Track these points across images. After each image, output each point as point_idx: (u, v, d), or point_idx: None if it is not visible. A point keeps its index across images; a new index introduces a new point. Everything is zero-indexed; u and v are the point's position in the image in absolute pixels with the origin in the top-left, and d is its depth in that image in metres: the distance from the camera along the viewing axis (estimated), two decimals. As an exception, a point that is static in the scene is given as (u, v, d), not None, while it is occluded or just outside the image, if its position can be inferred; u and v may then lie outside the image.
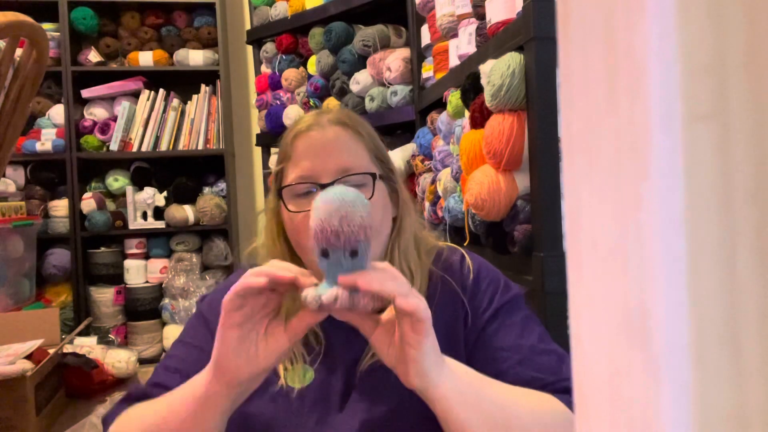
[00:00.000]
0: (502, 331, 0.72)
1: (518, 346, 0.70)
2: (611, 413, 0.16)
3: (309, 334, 0.75)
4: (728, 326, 0.13)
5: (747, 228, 0.13)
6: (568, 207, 0.17)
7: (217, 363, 0.57)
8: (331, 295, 0.52)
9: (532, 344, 0.71)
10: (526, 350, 0.70)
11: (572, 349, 0.17)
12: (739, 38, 0.13)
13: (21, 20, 1.06)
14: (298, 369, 0.73)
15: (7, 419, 1.20)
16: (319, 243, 0.53)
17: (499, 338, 0.71)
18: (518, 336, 0.71)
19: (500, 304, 0.73)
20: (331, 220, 0.52)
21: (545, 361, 0.69)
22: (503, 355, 0.70)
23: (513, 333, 0.71)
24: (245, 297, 0.55)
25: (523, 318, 0.73)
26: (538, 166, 1.07)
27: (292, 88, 2.59)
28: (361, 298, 0.53)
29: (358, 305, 0.53)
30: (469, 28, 1.46)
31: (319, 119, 0.75)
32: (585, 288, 0.17)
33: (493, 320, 0.72)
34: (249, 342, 0.56)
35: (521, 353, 0.69)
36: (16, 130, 1.22)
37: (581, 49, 0.16)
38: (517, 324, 0.72)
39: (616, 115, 0.15)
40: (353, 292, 0.53)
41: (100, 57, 2.89)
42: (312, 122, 0.75)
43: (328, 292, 0.53)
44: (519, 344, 0.70)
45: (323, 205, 0.53)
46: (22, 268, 2.45)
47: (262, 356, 0.56)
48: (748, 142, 0.13)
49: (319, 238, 0.53)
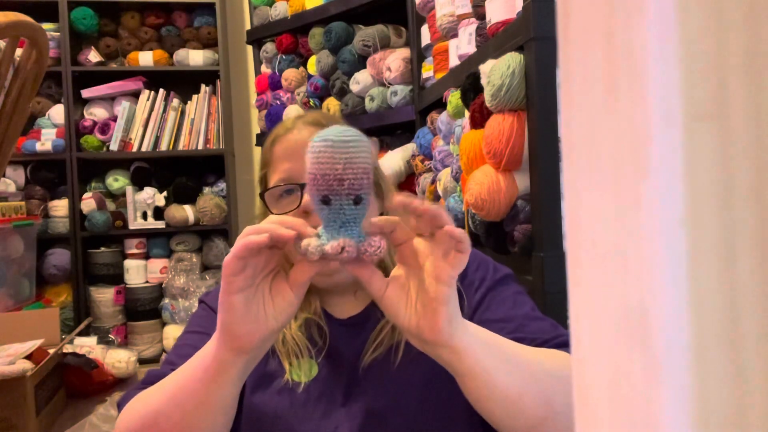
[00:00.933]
0: (494, 305, 0.72)
1: (511, 317, 0.71)
2: (611, 413, 0.16)
3: (313, 329, 0.75)
4: (728, 326, 0.13)
5: (747, 228, 0.13)
6: (568, 207, 0.17)
7: (225, 331, 0.54)
8: (336, 244, 0.49)
9: (524, 313, 0.71)
10: (519, 318, 0.70)
11: (572, 349, 0.17)
12: (739, 38, 0.13)
13: (21, 20, 1.06)
14: (303, 363, 0.73)
15: (7, 419, 1.20)
16: (319, 189, 0.48)
17: (491, 312, 0.72)
18: (510, 308, 0.72)
19: (492, 282, 0.75)
20: (334, 163, 0.47)
21: (539, 326, 0.70)
22: (497, 326, 0.69)
23: (505, 306, 0.72)
24: (246, 258, 0.52)
25: (515, 293, 0.75)
26: (538, 166, 1.07)
27: (292, 88, 2.59)
28: (368, 246, 0.49)
29: (365, 254, 0.50)
30: (469, 28, 1.46)
31: (296, 122, 0.77)
32: (585, 288, 0.17)
33: (484, 297, 0.74)
34: (256, 305, 0.53)
35: (515, 322, 0.70)
36: (16, 130, 1.22)
37: (581, 49, 0.16)
38: (509, 298, 0.73)
39: (616, 115, 0.15)
40: (361, 239, 0.49)
41: (100, 57, 2.89)
42: (289, 126, 0.76)
43: (332, 241, 0.49)
44: (511, 315, 0.71)
45: (323, 147, 0.47)
46: (22, 268, 2.45)
47: (271, 316, 0.54)
48: (748, 142, 0.13)
49: (320, 183, 0.48)
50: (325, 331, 0.74)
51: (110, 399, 1.47)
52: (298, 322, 0.75)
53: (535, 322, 0.70)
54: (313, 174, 0.48)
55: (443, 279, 0.51)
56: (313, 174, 0.48)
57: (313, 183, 0.48)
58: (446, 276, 0.51)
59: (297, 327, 0.74)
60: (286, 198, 0.73)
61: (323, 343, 0.74)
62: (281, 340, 0.74)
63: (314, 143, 0.48)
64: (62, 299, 2.79)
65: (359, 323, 0.76)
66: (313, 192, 0.49)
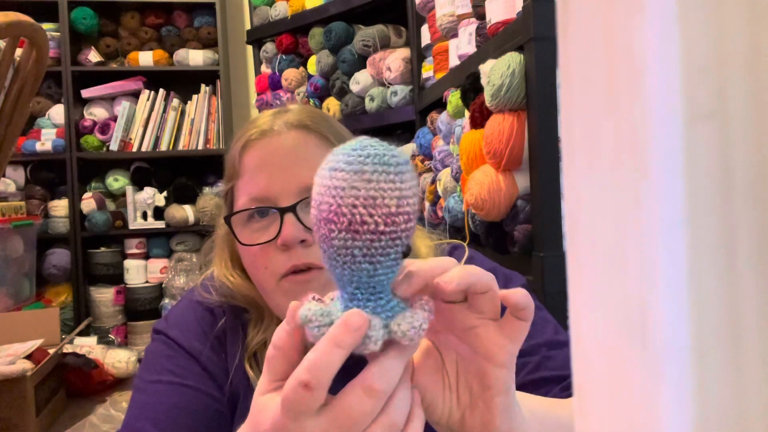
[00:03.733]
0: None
1: (533, 348, 0.58)
2: (611, 413, 0.16)
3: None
4: (728, 326, 0.13)
5: (747, 228, 0.13)
6: (568, 207, 0.17)
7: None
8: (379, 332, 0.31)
9: (546, 340, 0.58)
10: (543, 349, 0.58)
11: (572, 349, 0.17)
12: (739, 38, 0.13)
13: (21, 20, 1.06)
14: None
15: (7, 419, 1.20)
16: (339, 236, 0.31)
17: None
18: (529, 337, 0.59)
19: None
20: (356, 200, 0.30)
21: (567, 354, 0.57)
22: (519, 363, 0.55)
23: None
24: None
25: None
26: (538, 166, 1.07)
27: (292, 88, 2.59)
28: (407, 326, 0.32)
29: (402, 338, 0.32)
30: (469, 28, 1.46)
31: (275, 122, 0.60)
32: (585, 288, 0.17)
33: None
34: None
35: (539, 354, 0.58)
36: (16, 130, 1.22)
37: (581, 49, 0.16)
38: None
39: (616, 115, 0.15)
40: (390, 313, 0.33)
41: (100, 57, 2.89)
42: (265, 127, 0.59)
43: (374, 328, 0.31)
44: (534, 345, 0.58)
45: (342, 173, 0.30)
46: (22, 268, 2.45)
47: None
48: (748, 142, 0.13)
49: (334, 229, 0.31)
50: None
51: (110, 399, 1.47)
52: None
53: (561, 350, 0.58)
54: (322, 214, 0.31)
55: (499, 358, 0.36)
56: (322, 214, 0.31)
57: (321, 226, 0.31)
58: (505, 355, 0.36)
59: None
60: (257, 221, 0.58)
61: None
62: None
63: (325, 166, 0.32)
64: (62, 299, 2.79)
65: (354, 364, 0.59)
66: (319, 239, 0.32)
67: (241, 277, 0.64)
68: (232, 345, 0.63)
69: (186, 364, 0.60)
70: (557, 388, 0.55)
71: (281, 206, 0.56)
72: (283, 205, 0.56)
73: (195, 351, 0.61)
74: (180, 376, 0.59)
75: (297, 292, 0.55)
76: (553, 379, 0.55)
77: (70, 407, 1.46)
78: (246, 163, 0.59)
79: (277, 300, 0.58)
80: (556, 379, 0.55)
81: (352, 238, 0.30)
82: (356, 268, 0.31)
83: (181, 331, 0.63)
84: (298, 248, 0.56)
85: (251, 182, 0.58)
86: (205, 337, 0.63)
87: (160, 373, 0.60)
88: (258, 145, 0.59)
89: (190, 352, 0.61)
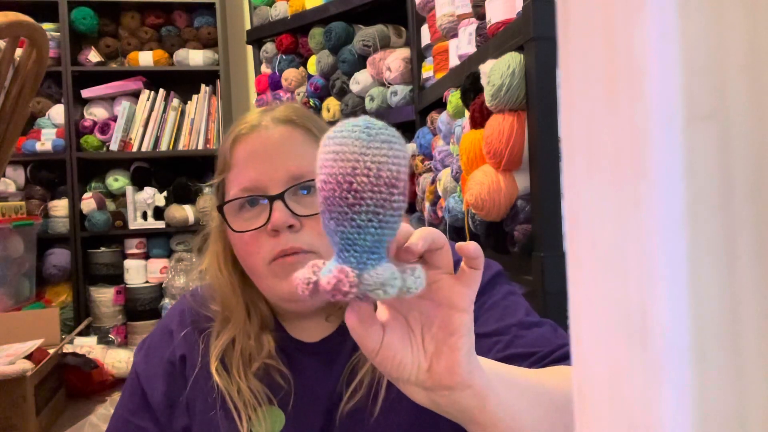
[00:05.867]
0: (484, 316, 0.62)
1: (505, 328, 0.61)
2: (611, 413, 0.16)
3: (271, 369, 0.63)
4: (728, 326, 0.13)
5: (747, 228, 0.13)
6: (568, 207, 0.17)
7: None
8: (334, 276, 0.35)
9: (519, 321, 0.61)
10: (514, 329, 0.60)
11: (572, 349, 0.17)
12: (739, 38, 0.13)
13: (21, 20, 1.06)
14: (266, 415, 0.61)
15: (7, 419, 1.20)
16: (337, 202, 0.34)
17: (481, 324, 0.61)
18: (501, 317, 0.62)
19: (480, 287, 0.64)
20: (357, 169, 0.34)
21: (538, 334, 0.60)
22: (490, 341, 0.60)
23: (496, 314, 0.62)
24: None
25: (505, 295, 0.64)
26: (538, 166, 1.07)
27: (292, 88, 2.59)
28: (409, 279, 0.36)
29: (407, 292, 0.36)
30: (469, 28, 1.46)
31: (263, 118, 0.64)
32: (585, 288, 0.17)
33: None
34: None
35: (509, 333, 0.60)
36: (16, 130, 1.22)
37: (581, 49, 0.16)
38: (499, 303, 0.63)
39: (616, 115, 0.15)
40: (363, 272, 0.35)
41: (100, 57, 2.89)
42: (254, 122, 0.64)
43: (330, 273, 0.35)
44: (505, 325, 0.61)
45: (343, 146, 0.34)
46: (22, 268, 2.45)
47: None
48: (748, 142, 0.13)
49: (336, 195, 0.34)
50: (287, 374, 0.64)
51: (110, 399, 1.47)
52: (254, 366, 0.63)
53: (531, 330, 0.61)
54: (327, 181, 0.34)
55: (460, 304, 0.39)
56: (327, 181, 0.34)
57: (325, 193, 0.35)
58: (466, 301, 0.39)
59: (253, 373, 0.63)
60: (248, 210, 0.62)
61: (289, 386, 0.63)
62: (236, 392, 0.62)
63: (330, 139, 0.35)
64: (62, 299, 2.79)
65: (332, 349, 0.65)
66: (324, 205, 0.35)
67: (231, 272, 0.67)
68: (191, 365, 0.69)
69: (135, 401, 0.68)
70: (525, 364, 0.57)
71: (270, 194, 0.61)
72: (272, 194, 0.61)
73: (149, 386, 0.69)
74: (130, 410, 0.68)
75: (286, 273, 0.59)
76: (522, 355, 0.58)
77: (70, 407, 1.46)
78: (236, 156, 0.64)
79: (269, 282, 0.62)
80: (524, 356, 0.58)
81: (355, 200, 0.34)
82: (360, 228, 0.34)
83: (147, 360, 0.71)
84: (287, 233, 0.60)
85: (242, 174, 0.63)
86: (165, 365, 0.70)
87: (122, 405, 0.69)
88: (247, 139, 0.63)
89: (141, 388, 0.69)
